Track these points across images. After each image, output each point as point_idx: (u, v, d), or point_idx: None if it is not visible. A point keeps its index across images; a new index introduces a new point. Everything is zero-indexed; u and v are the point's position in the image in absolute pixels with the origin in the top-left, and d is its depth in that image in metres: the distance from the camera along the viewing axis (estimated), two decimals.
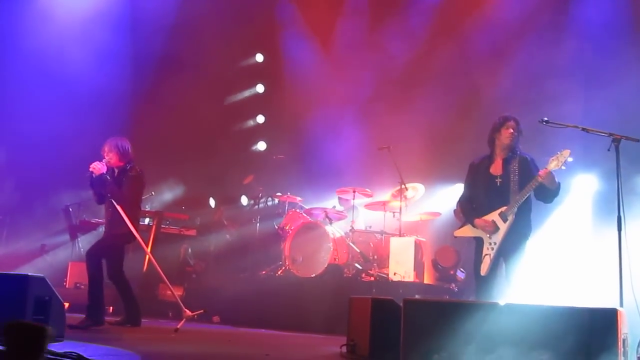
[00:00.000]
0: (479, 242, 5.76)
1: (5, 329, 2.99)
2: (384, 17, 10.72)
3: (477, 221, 5.69)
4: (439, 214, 9.33)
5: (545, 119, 5.60)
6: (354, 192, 9.21)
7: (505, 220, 5.58)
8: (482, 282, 5.64)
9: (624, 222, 5.16)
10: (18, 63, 9.70)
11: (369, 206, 9.59)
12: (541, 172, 5.46)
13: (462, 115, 9.44)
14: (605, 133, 5.42)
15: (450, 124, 9.52)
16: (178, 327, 6.56)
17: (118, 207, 6.69)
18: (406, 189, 8.99)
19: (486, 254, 5.62)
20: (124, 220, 6.67)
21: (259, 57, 12.83)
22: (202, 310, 7.09)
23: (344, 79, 10.94)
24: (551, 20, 9.14)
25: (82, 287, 9.13)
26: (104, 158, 6.82)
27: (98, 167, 6.68)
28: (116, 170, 6.93)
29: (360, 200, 9.46)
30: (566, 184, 7.92)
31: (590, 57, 8.53)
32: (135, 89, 10.77)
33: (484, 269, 5.58)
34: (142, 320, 7.01)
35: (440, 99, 9.58)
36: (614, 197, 5.30)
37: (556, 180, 5.54)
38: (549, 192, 5.61)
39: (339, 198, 9.79)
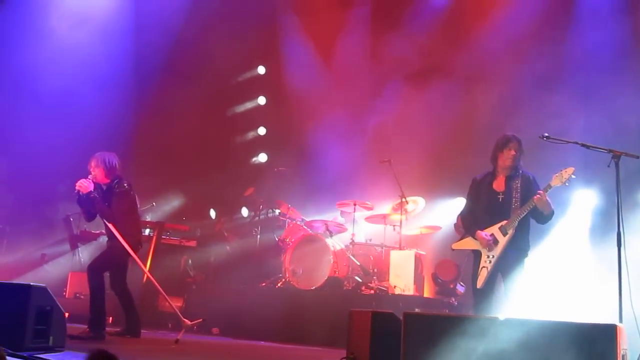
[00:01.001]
0: (477, 254, 5.81)
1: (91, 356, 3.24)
2: (385, 30, 10.76)
3: (478, 234, 5.73)
4: (439, 227, 9.34)
5: (546, 134, 5.65)
6: (355, 205, 9.23)
7: (505, 234, 5.62)
8: (478, 295, 5.68)
9: (624, 237, 5.18)
10: (22, 76, 9.75)
11: (369, 219, 9.60)
12: (536, 197, 5.50)
13: (463, 130, 9.48)
14: (604, 149, 5.46)
15: (451, 138, 9.54)
16: (178, 337, 6.57)
17: (110, 225, 6.65)
18: (407, 202, 9.02)
19: (483, 267, 5.66)
20: (124, 233, 6.66)
21: (261, 70, 12.89)
22: (201, 320, 7.08)
23: (346, 91, 10.99)
24: (552, 36, 9.19)
25: (82, 297, 9.13)
26: (90, 173, 6.71)
27: (85, 185, 6.56)
28: (104, 187, 6.82)
29: (360, 213, 9.48)
30: (566, 199, 7.97)
31: (591, 72, 8.57)
32: (137, 101, 10.81)
33: (480, 281, 5.62)
34: (142, 331, 7.01)
35: (441, 113, 9.62)
36: (613, 212, 5.33)
37: (551, 206, 5.61)
38: (542, 216, 5.69)
39: (341, 212, 9.80)
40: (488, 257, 5.67)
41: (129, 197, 6.85)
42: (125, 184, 6.79)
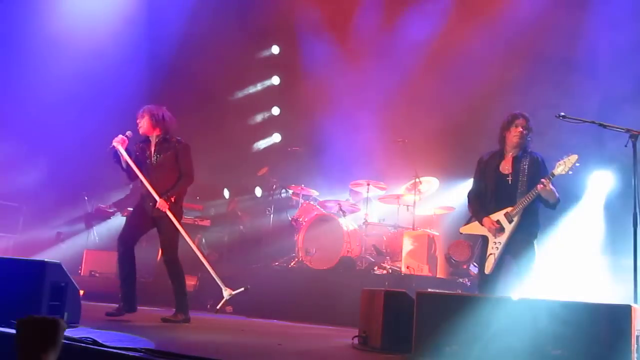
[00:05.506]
0: (484, 239, 5.74)
1: (17, 325, 2.87)
2: (401, 8, 10.64)
3: (484, 220, 5.66)
4: (453, 208, 9.30)
5: (562, 113, 5.55)
6: (368, 185, 9.21)
7: (510, 222, 5.54)
8: (485, 280, 5.62)
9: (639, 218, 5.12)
10: (38, 65, 9.86)
11: (383, 199, 9.58)
12: (539, 187, 5.39)
13: (478, 109, 9.38)
14: (622, 129, 5.37)
15: (466, 118, 9.46)
16: (218, 307, 6.60)
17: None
18: (420, 182, 8.98)
19: (491, 253, 5.60)
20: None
21: (275, 49, 12.85)
22: (243, 288, 6.58)
23: (360, 71, 10.91)
24: (569, 15, 9.03)
25: (97, 275, 9.23)
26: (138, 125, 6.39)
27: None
28: (156, 139, 6.53)
29: (374, 193, 9.46)
30: (582, 180, 7.91)
31: (609, 51, 8.44)
32: (150, 80, 10.78)
33: (488, 267, 5.57)
34: (157, 308, 7.05)
35: (457, 92, 9.53)
36: (630, 193, 5.26)
37: (556, 194, 5.47)
38: (547, 203, 5.55)
39: (351, 190, 9.78)
40: (495, 243, 5.60)
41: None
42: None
